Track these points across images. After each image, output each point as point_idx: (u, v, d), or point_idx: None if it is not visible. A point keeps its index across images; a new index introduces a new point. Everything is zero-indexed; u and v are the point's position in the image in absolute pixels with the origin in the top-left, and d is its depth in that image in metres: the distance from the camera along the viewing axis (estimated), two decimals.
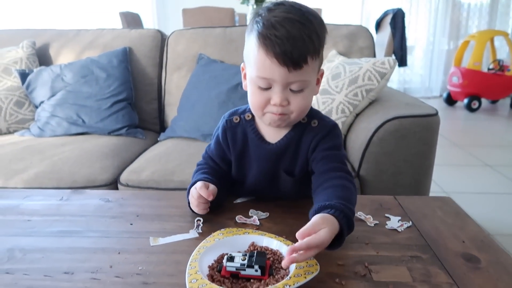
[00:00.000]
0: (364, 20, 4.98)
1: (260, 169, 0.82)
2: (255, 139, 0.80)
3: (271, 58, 0.67)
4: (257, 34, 0.68)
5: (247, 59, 0.74)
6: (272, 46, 0.66)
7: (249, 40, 0.72)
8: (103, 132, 1.65)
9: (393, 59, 1.44)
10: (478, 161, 2.71)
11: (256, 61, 0.69)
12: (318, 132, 0.78)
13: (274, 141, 0.80)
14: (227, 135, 0.82)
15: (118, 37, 1.89)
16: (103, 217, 0.80)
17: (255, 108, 0.75)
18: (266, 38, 0.67)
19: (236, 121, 0.82)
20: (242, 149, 0.82)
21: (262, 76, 0.69)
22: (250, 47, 0.71)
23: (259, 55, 0.68)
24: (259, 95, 0.72)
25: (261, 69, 0.69)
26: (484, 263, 0.64)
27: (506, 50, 4.61)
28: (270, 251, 0.63)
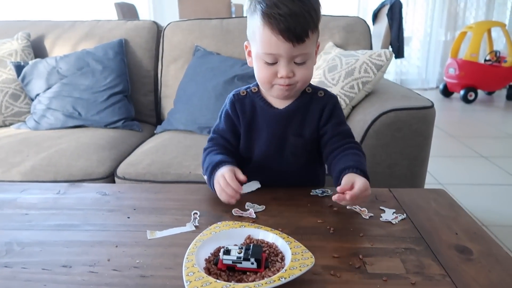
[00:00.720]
0: (362, 11, 4.96)
1: (269, 135, 0.87)
2: (263, 106, 0.86)
3: (276, 35, 0.74)
4: (261, 14, 0.75)
5: (251, 38, 0.81)
6: (276, 24, 0.73)
7: (253, 19, 0.78)
8: (100, 124, 1.65)
9: (389, 51, 1.44)
10: (473, 153, 2.73)
11: (262, 39, 0.76)
12: (327, 102, 0.87)
13: (282, 107, 0.86)
14: (236, 106, 0.88)
15: (114, 28, 1.88)
16: (100, 210, 0.80)
17: (263, 82, 0.82)
18: (270, 16, 0.73)
19: (243, 94, 0.88)
20: (251, 118, 0.87)
21: (268, 52, 0.76)
22: (254, 26, 0.77)
23: (265, 33, 0.75)
24: (267, 70, 0.79)
25: (267, 46, 0.76)
26: (477, 255, 0.65)
27: (503, 41, 4.61)
28: (266, 244, 0.64)
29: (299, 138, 0.87)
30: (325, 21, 1.80)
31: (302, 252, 0.60)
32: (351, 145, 0.85)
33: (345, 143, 0.85)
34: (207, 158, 0.86)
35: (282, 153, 0.88)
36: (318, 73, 1.51)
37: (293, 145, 0.88)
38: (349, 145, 0.85)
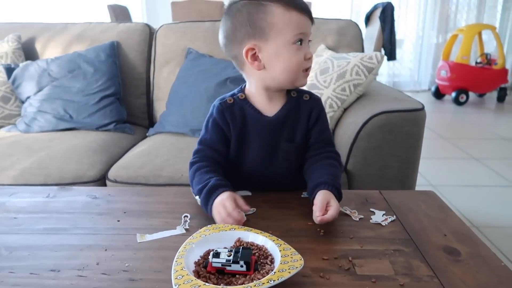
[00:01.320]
0: (354, 14, 4.99)
1: (261, 143, 0.85)
2: (254, 114, 0.84)
3: (303, 14, 0.78)
4: (279, 2, 0.76)
5: (269, 32, 0.77)
6: (298, 5, 0.77)
7: (265, 12, 0.77)
8: (91, 127, 1.64)
9: (380, 54, 1.45)
10: (465, 154, 2.75)
11: (290, 22, 0.77)
12: (314, 105, 0.88)
13: (271, 114, 0.85)
14: (225, 115, 0.85)
15: (106, 31, 1.87)
16: (90, 214, 0.80)
17: (296, 70, 0.80)
18: (289, 1, 0.77)
19: (230, 101, 0.85)
20: (242, 126, 0.85)
21: (300, 31, 0.78)
22: (272, 17, 0.76)
23: (292, 15, 0.77)
24: (298, 55, 0.79)
25: (299, 26, 0.77)
26: (465, 256, 0.66)
27: (493, 44, 4.66)
28: (256, 246, 0.64)
29: (291, 144, 0.87)
30: (317, 24, 1.80)
31: (291, 254, 0.60)
32: (331, 155, 0.87)
33: (325, 151, 0.87)
34: (197, 176, 0.81)
35: (274, 159, 0.87)
36: (310, 76, 1.51)
37: (285, 150, 0.87)
38: (329, 154, 0.87)
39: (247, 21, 0.78)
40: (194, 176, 0.83)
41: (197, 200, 0.81)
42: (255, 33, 0.78)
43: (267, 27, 0.77)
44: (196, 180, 0.81)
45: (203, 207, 0.78)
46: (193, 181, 0.82)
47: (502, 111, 4.14)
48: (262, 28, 0.77)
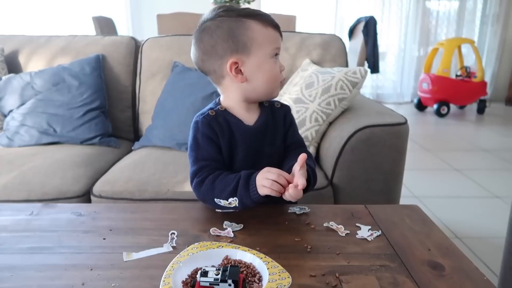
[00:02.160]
0: (338, 28, 5.08)
1: (247, 149, 0.88)
2: (237, 123, 0.88)
3: (276, 30, 0.85)
4: (254, 19, 0.82)
5: (250, 47, 0.82)
6: (272, 22, 0.84)
7: (246, 28, 0.81)
8: (75, 141, 1.62)
9: (364, 69, 1.48)
10: (447, 166, 2.81)
11: (269, 37, 0.83)
12: (286, 111, 0.95)
13: (251, 123, 0.89)
14: (213, 126, 0.86)
15: (91, 43, 1.86)
16: (75, 232, 0.79)
17: (276, 81, 0.87)
18: (263, 19, 0.83)
19: (212, 114, 0.87)
20: (229, 135, 0.87)
21: (277, 46, 0.85)
22: (251, 32, 0.81)
23: (268, 30, 0.83)
24: (275, 68, 0.85)
25: (276, 41, 0.85)
26: (449, 270, 0.67)
27: (472, 57, 4.79)
28: (244, 264, 0.64)
29: (273, 148, 0.91)
30: (302, 38, 1.84)
31: (279, 272, 0.61)
32: (304, 150, 0.94)
33: (299, 151, 0.90)
34: (220, 183, 0.81)
35: (259, 164, 0.88)
36: (295, 90, 1.53)
37: (268, 155, 0.91)
38: (303, 150, 0.93)
39: (228, 36, 0.81)
40: (215, 186, 0.82)
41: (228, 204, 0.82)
42: (237, 48, 0.81)
43: (249, 42, 0.81)
44: (220, 187, 0.82)
45: (244, 198, 0.80)
46: (215, 191, 0.82)
47: (482, 122, 4.24)
48: (244, 42, 0.81)
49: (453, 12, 5.20)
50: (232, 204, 0.82)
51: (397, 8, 5.15)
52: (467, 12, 5.21)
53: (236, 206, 0.82)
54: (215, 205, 0.84)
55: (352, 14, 4.97)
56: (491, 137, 3.70)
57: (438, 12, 5.20)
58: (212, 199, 0.83)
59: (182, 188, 1.26)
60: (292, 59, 1.80)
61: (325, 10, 5.07)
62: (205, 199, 0.85)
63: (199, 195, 0.85)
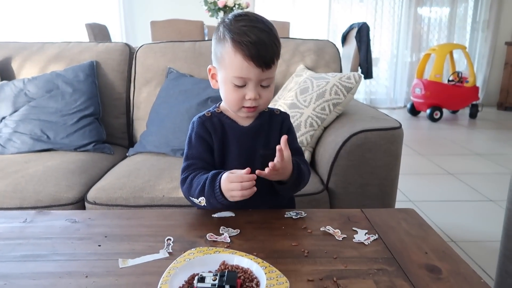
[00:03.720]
0: (331, 34, 5.12)
1: (240, 149, 0.91)
2: (231, 124, 0.91)
3: (248, 61, 0.81)
4: (231, 41, 0.81)
5: (219, 62, 0.86)
6: (248, 51, 0.80)
7: (222, 46, 0.83)
8: (69, 148, 1.61)
9: (358, 74, 1.49)
10: (441, 170, 2.82)
11: (232, 64, 0.82)
12: (284, 118, 0.97)
13: (247, 124, 0.92)
14: (207, 125, 0.90)
15: (85, 50, 1.86)
16: (70, 239, 0.78)
17: (232, 104, 0.88)
18: (242, 43, 0.80)
19: (208, 115, 0.92)
20: (222, 134, 0.90)
21: (239, 76, 0.83)
22: (224, 52, 0.83)
23: (236, 58, 0.81)
24: (236, 93, 0.85)
25: (238, 70, 0.82)
26: (446, 273, 0.67)
27: (464, 62, 4.85)
28: (241, 269, 0.64)
29: (267, 150, 0.92)
30: (296, 44, 1.85)
31: (277, 276, 0.60)
32: (302, 158, 0.97)
33: (297, 159, 0.93)
34: (195, 181, 0.86)
35: (254, 166, 0.87)
36: (290, 95, 1.54)
37: (262, 156, 0.92)
38: (301, 158, 0.96)
39: (215, 44, 0.87)
40: (191, 185, 0.87)
41: (199, 202, 0.85)
42: (216, 58, 0.88)
43: (220, 58, 0.86)
44: (194, 185, 0.86)
45: (211, 199, 0.82)
46: (191, 189, 0.86)
47: (474, 127, 4.28)
48: (218, 57, 0.86)
49: (444, 18, 5.27)
50: (201, 203, 0.85)
51: (389, 15, 5.21)
52: (458, 19, 5.29)
53: (205, 205, 0.85)
54: (192, 202, 0.88)
55: (345, 20, 5.02)
56: (483, 141, 3.73)
57: (429, 18, 5.27)
58: (188, 196, 0.88)
59: (178, 194, 1.25)
60: (286, 65, 1.80)
61: (318, 17, 5.12)
62: (185, 196, 0.90)
63: (182, 192, 0.90)
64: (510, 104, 4.96)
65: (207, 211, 0.89)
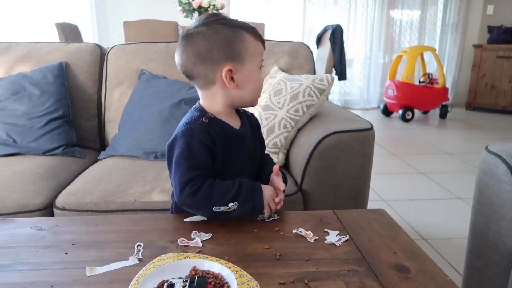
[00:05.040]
0: (306, 35, 5.17)
1: (240, 153, 0.92)
2: (228, 128, 0.90)
3: (263, 45, 0.90)
4: (246, 31, 0.85)
5: (244, 57, 0.85)
6: (260, 36, 0.88)
7: (240, 39, 0.84)
8: (37, 152, 1.56)
9: (331, 76, 1.50)
10: (413, 169, 2.89)
11: (256, 50, 0.87)
12: (257, 120, 1.03)
13: (238, 127, 0.93)
14: (211, 133, 0.86)
15: (53, 51, 1.80)
16: (35, 247, 0.75)
17: (260, 90, 0.92)
18: (256, 33, 0.87)
19: (206, 121, 0.87)
20: (225, 140, 0.89)
21: (263, 58, 0.90)
22: (245, 44, 0.85)
23: (258, 44, 0.88)
24: (262, 78, 0.92)
25: (262, 54, 0.89)
26: (414, 273, 0.68)
27: (434, 64, 5.00)
28: (212, 274, 0.63)
29: (256, 151, 0.99)
30: (270, 46, 1.85)
31: (247, 281, 0.60)
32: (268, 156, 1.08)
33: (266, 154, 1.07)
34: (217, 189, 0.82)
35: (247, 167, 0.95)
36: (264, 97, 1.54)
37: (256, 156, 0.99)
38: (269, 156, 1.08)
39: (226, 43, 0.83)
40: (212, 193, 0.82)
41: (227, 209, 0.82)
42: (233, 56, 0.84)
43: (243, 52, 0.85)
44: (219, 193, 0.82)
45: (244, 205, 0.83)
46: (213, 198, 0.82)
47: (445, 127, 4.41)
48: (239, 52, 0.84)
49: (415, 21, 5.42)
50: (231, 208, 0.83)
51: (363, 17, 5.31)
52: (428, 21, 5.44)
53: (235, 209, 0.83)
54: (210, 212, 0.83)
55: (319, 22, 5.08)
56: (453, 141, 3.85)
57: (401, 21, 5.40)
58: (208, 206, 0.82)
59: (150, 198, 1.23)
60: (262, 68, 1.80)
61: (293, 18, 5.16)
62: (200, 207, 0.84)
63: (192, 203, 0.83)
64: (478, 104, 5.13)
65: (179, 215, 0.88)
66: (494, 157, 1.02)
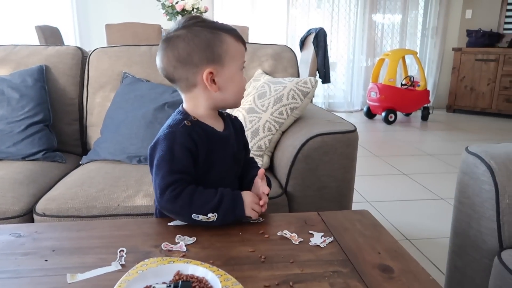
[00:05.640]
0: (290, 39, 5.20)
1: (224, 156, 0.92)
2: (212, 131, 0.90)
3: (244, 45, 0.89)
4: (225, 32, 0.85)
5: (223, 58, 0.85)
6: (241, 38, 0.88)
7: (220, 41, 0.84)
8: (17, 157, 1.52)
9: (314, 79, 1.51)
10: (396, 170, 2.93)
11: (237, 51, 0.87)
12: (241, 123, 1.02)
13: (221, 130, 0.92)
14: (193, 137, 0.86)
15: (33, 54, 1.77)
16: (13, 255, 0.73)
17: (242, 92, 0.92)
18: (237, 34, 0.87)
19: (189, 124, 0.87)
20: (208, 143, 0.88)
21: (244, 60, 0.90)
22: (225, 46, 0.85)
23: (239, 45, 0.87)
24: (244, 80, 0.91)
25: (243, 55, 0.89)
26: (397, 272, 0.69)
27: (415, 67, 5.08)
28: (196, 278, 0.62)
29: (241, 153, 0.99)
30: (254, 49, 1.86)
31: (232, 284, 0.60)
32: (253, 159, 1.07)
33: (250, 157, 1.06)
34: (198, 197, 0.81)
35: (232, 170, 0.96)
36: (248, 100, 1.54)
37: (240, 158, 0.98)
38: (253, 159, 1.07)
39: (206, 46, 0.83)
40: (193, 201, 0.81)
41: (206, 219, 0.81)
42: (213, 58, 0.84)
43: (223, 54, 0.85)
44: (199, 202, 0.81)
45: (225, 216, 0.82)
46: (193, 206, 0.81)
47: (426, 128, 4.49)
48: (219, 54, 0.84)
49: (397, 25, 5.51)
50: (210, 219, 0.81)
51: (345, 21, 5.37)
52: (409, 25, 5.54)
53: (214, 221, 0.82)
54: (189, 219, 0.82)
55: (303, 25, 5.11)
56: (434, 142, 3.92)
57: (383, 24, 5.48)
58: (188, 213, 0.81)
59: (134, 203, 1.22)
60: (245, 69, 1.80)
61: (277, 22, 5.18)
62: (179, 213, 0.83)
63: (172, 208, 0.82)
64: (458, 106, 5.24)
65: (163, 220, 0.87)
66: (474, 158, 1.04)
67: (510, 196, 0.97)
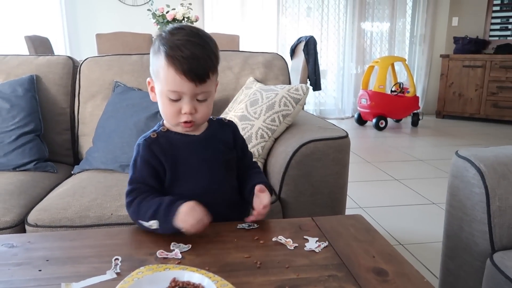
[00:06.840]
0: (280, 47, 5.24)
1: (198, 159, 0.90)
2: (181, 137, 0.89)
3: (180, 75, 0.80)
4: (165, 55, 0.81)
5: (155, 75, 0.85)
6: (180, 65, 0.80)
7: (157, 59, 0.83)
8: (7, 168, 1.51)
9: (306, 86, 1.53)
10: (387, 176, 2.95)
11: (166, 78, 0.82)
12: (234, 126, 1.00)
13: (199, 133, 0.92)
14: (153, 149, 0.87)
15: (23, 64, 1.76)
16: (6, 265, 0.72)
17: (169, 118, 0.87)
18: (174, 58, 0.80)
19: (154, 136, 0.89)
20: (174, 154, 0.88)
21: (173, 89, 0.82)
22: (158, 65, 0.83)
23: (169, 72, 0.81)
24: (171, 107, 0.85)
25: (172, 84, 0.82)
26: (392, 276, 0.70)
27: (404, 74, 5.15)
28: (192, 285, 0.63)
29: (229, 155, 0.96)
30: (245, 57, 1.87)
31: None
32: (256, 164, 1.05)
33: (253, 163, 1.04)
34: (145, 205, 0.83)
35: (219, 174, 0.93)
36: (240, 107, 1.55)
37: (226, 160, 0.95)
38: (255, 164, 1.05)
39: (152, 56, 0.86)
40: (140, 208, 0.84)
41: (149, 226, 0.82)
42: (152, 71, 0.87)
43: (156, 72, 0.85)
44: (144, 209, 0.83)
45: (162, 224, 0.80)
46: (140, 213, 0.84)
47: (416, 134, 4.54)
48: (154, 70, 0.86)
49: (385, 32, 5.59)
50: (152, 226, 0.82)
51: (335, 29, 5.43)
52: (397, 33, 5.62)
53: (157, 228, 0.82)
54: (141, 226, 0.85)
55: (293, 34, 5.16)
56: (425, 148, 3.96)
57: (372, 32, 5.56)
58: (136, 219, 0.85)
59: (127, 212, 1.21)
60: (236, 78, 1.82)
61: (267, 30, 5.22)
62: (133, 219, 0.87)
63: (129, 214, 0.88)
64: (447, 112, 5.31)
65: None
66: (464, 161, 1.05)
67: (500, 198, 0.99)
